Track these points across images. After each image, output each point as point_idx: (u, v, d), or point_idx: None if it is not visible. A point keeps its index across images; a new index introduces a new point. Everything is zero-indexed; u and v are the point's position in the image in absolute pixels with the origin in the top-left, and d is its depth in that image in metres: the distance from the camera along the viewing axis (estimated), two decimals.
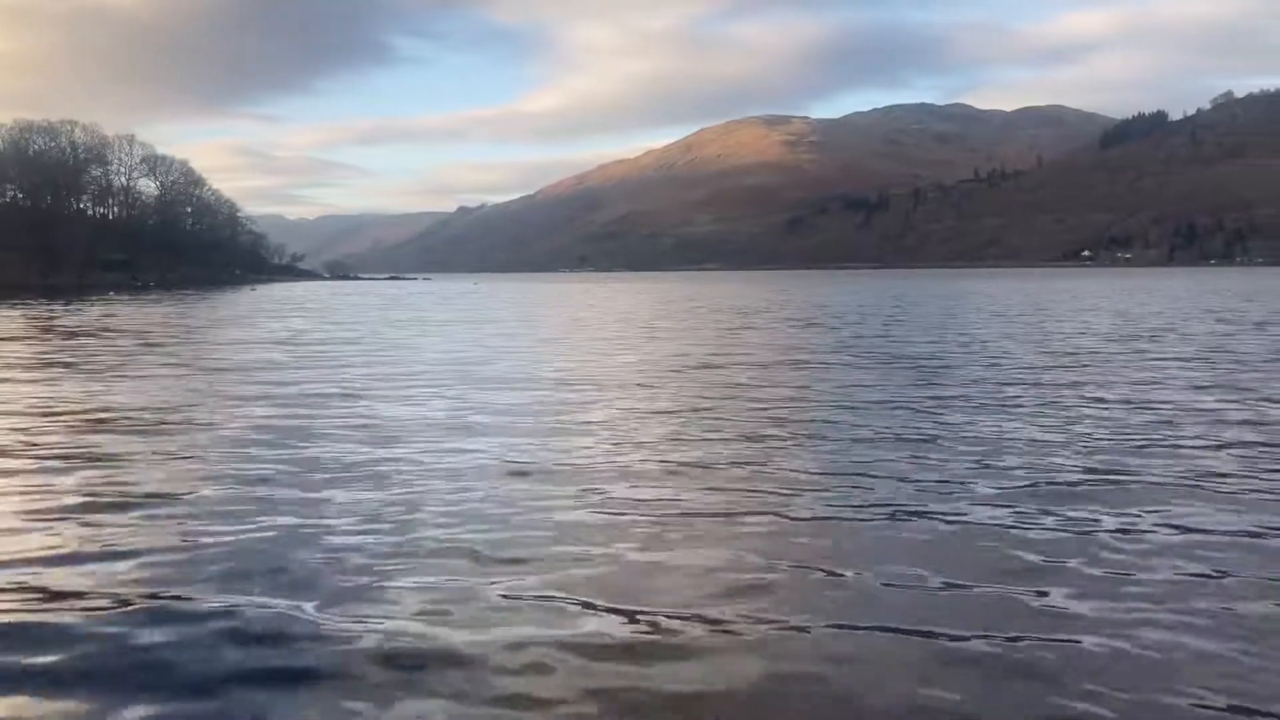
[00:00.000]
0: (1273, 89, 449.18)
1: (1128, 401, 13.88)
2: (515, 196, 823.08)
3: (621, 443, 11.07)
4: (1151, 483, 8.84)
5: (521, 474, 9.46)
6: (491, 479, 9.24)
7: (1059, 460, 9.84)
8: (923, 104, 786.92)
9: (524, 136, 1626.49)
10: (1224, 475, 9.13)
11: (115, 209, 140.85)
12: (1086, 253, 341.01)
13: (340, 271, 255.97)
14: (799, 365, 20.09)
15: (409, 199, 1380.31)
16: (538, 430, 12.01)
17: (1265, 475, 9.13)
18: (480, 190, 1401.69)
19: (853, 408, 13.60)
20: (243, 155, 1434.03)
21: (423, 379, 17.92)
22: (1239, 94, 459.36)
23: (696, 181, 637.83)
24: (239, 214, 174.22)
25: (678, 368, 19.81)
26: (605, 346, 25.84)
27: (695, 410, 13.48)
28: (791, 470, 9.54)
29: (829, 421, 12.40)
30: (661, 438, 11.37)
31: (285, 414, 13.48)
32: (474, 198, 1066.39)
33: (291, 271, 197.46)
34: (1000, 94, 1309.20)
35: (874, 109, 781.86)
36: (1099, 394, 14.69)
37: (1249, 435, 11.20)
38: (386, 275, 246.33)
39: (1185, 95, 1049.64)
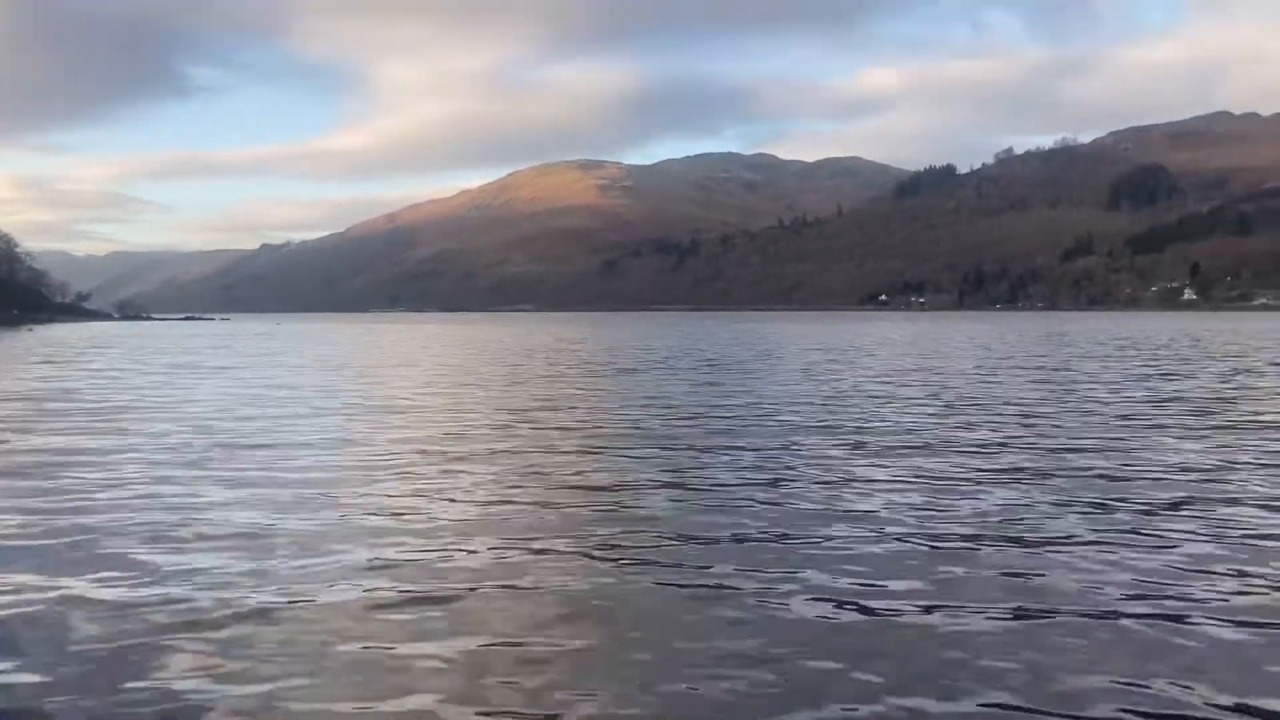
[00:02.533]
0: (1048, 146, 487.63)
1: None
2: (323, 234, 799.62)
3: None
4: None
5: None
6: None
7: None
8: (731, 153, 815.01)
9: (332, 174, 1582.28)
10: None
11: None
12: (884, 297, 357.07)
13: (131, 311, 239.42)
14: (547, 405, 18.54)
15: (210, 236, 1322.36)
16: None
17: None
18: (286, 228, 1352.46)
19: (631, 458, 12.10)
20: (23, 188, 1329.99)
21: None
22: (1019, 150, 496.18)
23: (511, 222, 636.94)
24: (16, 249, 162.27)
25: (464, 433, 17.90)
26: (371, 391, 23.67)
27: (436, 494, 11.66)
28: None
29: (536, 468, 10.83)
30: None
31: None
32: (279, 235, 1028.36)
33: (76, 311, 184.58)
34: (803, 144, 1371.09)
35: (685, 156, 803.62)
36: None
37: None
38: (182, 315, 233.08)
39: (972, 150, 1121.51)
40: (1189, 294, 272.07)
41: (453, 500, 10.35)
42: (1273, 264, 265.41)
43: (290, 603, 6.85)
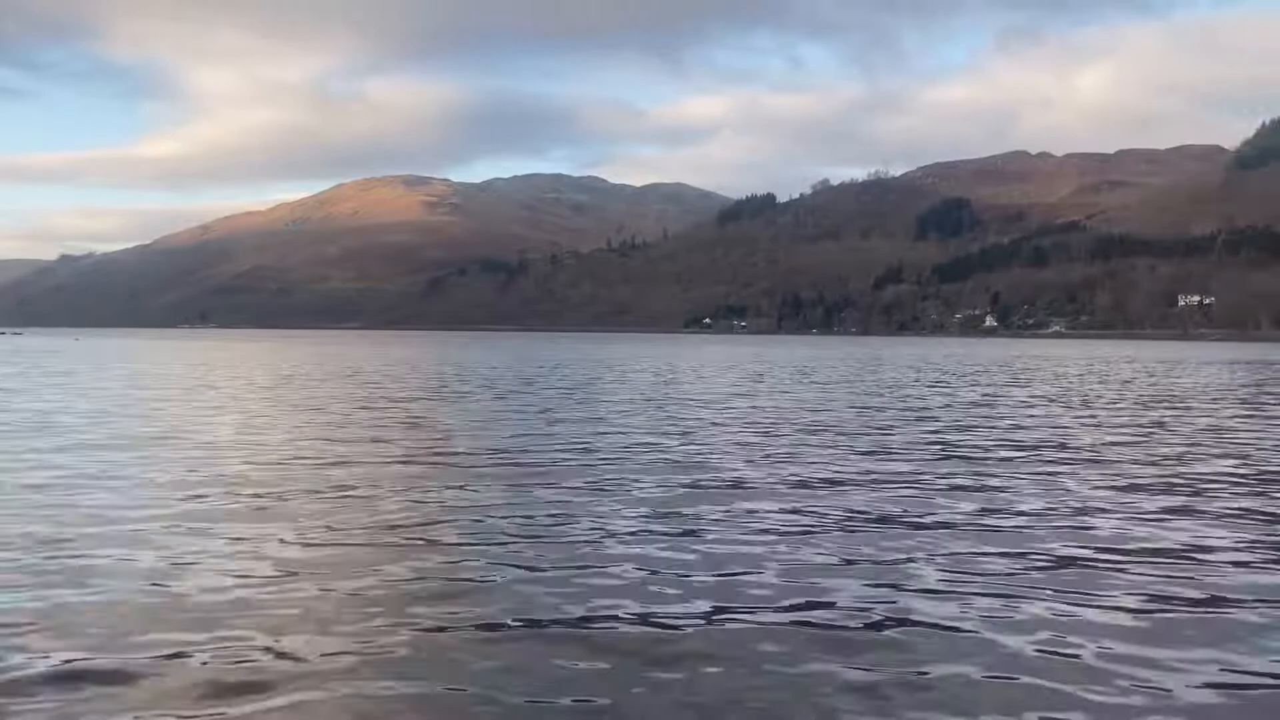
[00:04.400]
0: (862, 179, 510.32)
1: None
2: (129, 246, 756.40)
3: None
4: None
5: None
6: None
7: None
8: (559, 174, 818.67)
9: (140, 183, 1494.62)
10: None
11: None
12: (707, 320, 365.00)
13: None
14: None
15: (2, 244, 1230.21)
16: None
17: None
18: (89, 238, 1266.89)
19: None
20: None
21: None
22: (834, 182, 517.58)
23: (333, 238, 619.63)
24: None
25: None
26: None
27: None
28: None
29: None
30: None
31: None
32: (81, 245, 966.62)
33: None
34: (630, 169, 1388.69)
35: (514, 176, 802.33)
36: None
37: None
38: None
39: (791, 180, 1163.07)
40: (990, 321, 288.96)
41: (193, 566, 9.07)
42: (1064, 294, 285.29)
43: None
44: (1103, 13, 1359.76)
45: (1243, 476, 14.63)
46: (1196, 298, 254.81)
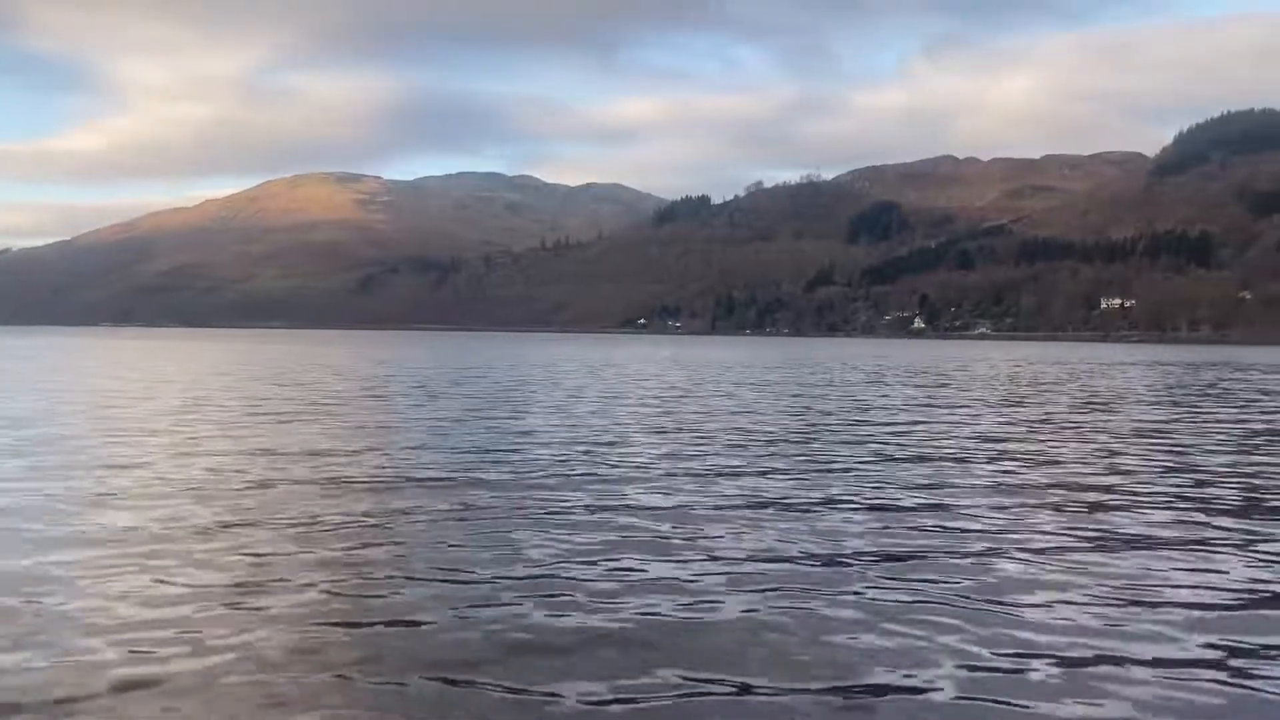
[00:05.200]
0: (794, 181, 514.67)
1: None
2: (50, 242, 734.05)
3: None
4: None
5: None
6: None
7: None
8: (493, 173, 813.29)
9: (61, 177, 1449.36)
10: None
11: None
12: (642, 320, 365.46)
13: None
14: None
15: None
16: None
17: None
18: (5, 233, 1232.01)
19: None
20: None
21: None
22: (768, 184, 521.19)
23: (262, 235, 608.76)
24: None
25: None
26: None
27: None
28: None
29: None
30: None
31: None
32: None
33: None
34: (565, 169, 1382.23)
35: (447, 174, 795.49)
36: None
37: None
38: None
39: (726, 182, 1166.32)
40: (918, 323, 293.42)
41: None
42: (990, 297, 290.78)
43: None
44: (1026, 22, 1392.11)
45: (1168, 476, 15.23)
46: (1118, 300, 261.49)
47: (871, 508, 11.70)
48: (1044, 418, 25.23)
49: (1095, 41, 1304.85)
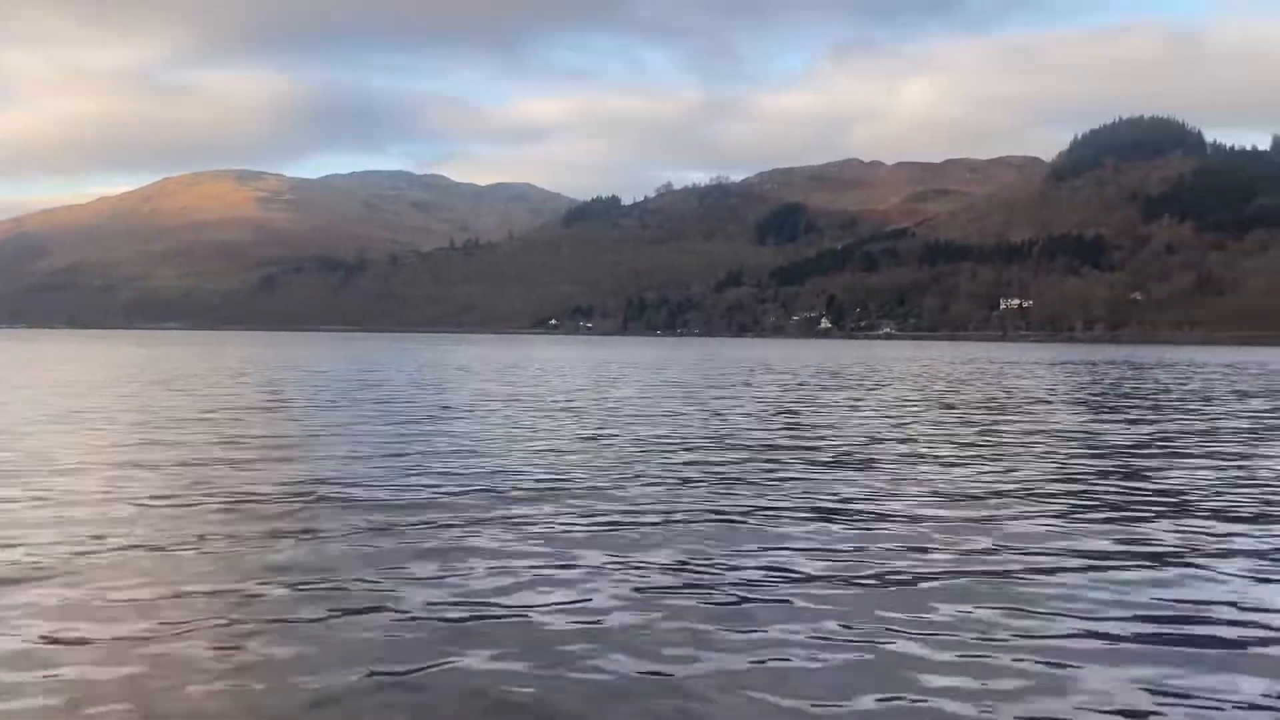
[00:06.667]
0: (704, 183, 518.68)
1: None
2: None
3: None
4: None
5: None
6: None
7: None
8: (400, 171, 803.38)
9: None
10: None
11: None
12: (554, 321, 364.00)
13: None
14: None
15: None
16: None
17: None
18: None
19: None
20: None
21: None
22: (677, 185, 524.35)
23: (158, 234, 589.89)
24: None
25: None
26: None
27: None
28: None
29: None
30: None
31: None
32: None
33: None
34: (474, 168, 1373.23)
35: (352, 172, 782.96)
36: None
37: None
38: None
39: (635, 183, 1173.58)
40: (825, 323, 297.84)
41: None
42: (894, 298, 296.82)
43: None
44: (927, 28, 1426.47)
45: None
46: (1016, 301, 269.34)
47: (810, 516, 11.08)
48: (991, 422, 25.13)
49: (995, 48, 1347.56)
